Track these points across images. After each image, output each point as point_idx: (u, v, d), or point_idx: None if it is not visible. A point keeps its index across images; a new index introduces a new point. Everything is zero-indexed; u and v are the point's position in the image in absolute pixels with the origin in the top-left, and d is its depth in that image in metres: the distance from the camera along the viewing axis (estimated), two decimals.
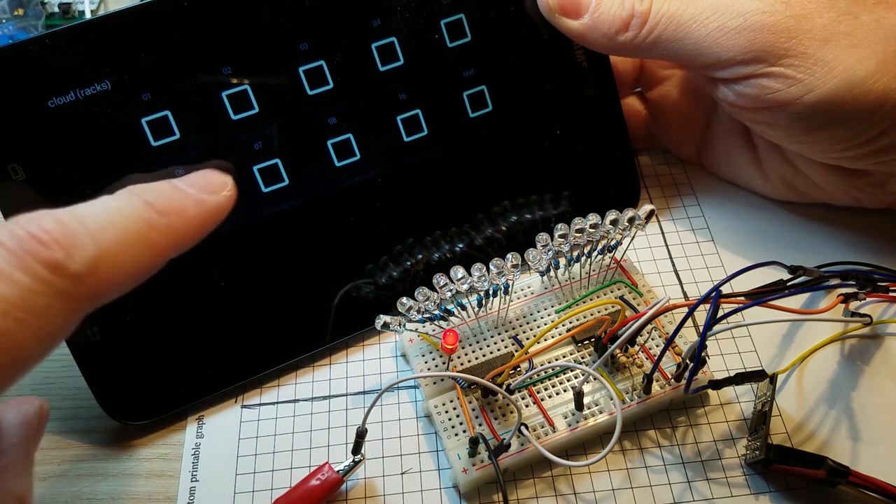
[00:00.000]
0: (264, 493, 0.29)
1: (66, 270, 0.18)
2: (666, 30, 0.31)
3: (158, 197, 0.21)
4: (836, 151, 0.32)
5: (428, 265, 0.34)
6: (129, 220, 0.20)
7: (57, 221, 0.19)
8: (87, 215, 0.19)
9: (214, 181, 0.22)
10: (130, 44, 0.29)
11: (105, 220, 0.19)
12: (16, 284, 0.17)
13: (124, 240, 0.19)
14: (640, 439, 0.30)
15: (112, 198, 0.21)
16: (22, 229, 0.18)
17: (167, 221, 0.21)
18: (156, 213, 0.20)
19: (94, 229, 0.19)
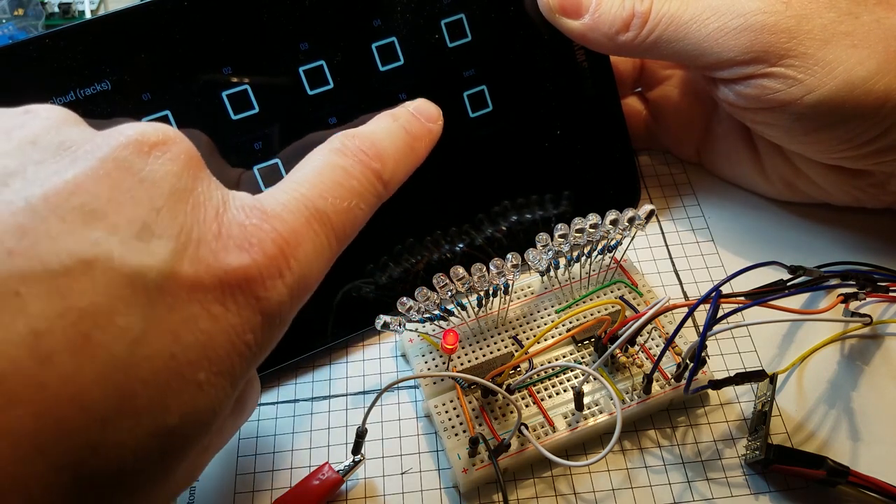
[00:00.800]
0: (264, 493, 0.29)
1: (382, 178, 0.25)
2: (666, 30, 0.31)
3: (411, 124, 0.27)
4: (837, 152, 0.32)
5: (428, 265, 0.34)
6: (401, 142, 0.26)
7: (372, 142, 0.25)
8: (382, 138, 0.26)
9: (434, 111, 0.29)
10: (130, 44, 0.29)
11: (390, 143, 0.26)
12: (360, 184, 0.24)
13: (401, 157, 0.26)
14: (640, 439, 0.30)
15: (382, 122, 0.27)
16: (352, 143, 0.25)
17: (417, 144, 0.27)
18: (411, 137, 0.27)
19: (389, 150, 0.26)
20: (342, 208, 0.23)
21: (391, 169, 0.25)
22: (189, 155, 0.20)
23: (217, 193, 0.21)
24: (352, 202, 0.23)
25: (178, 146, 0.20)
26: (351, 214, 0.23)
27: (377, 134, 0.26)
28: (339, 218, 0.23)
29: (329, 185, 0.23)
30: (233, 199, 0.21)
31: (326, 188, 0.23)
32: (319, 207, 0.22)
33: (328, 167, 0.24)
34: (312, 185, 0.23)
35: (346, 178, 0.24)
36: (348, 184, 0.24)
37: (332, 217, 0.23)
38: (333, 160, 0.24)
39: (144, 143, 0.19)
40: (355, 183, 0.24)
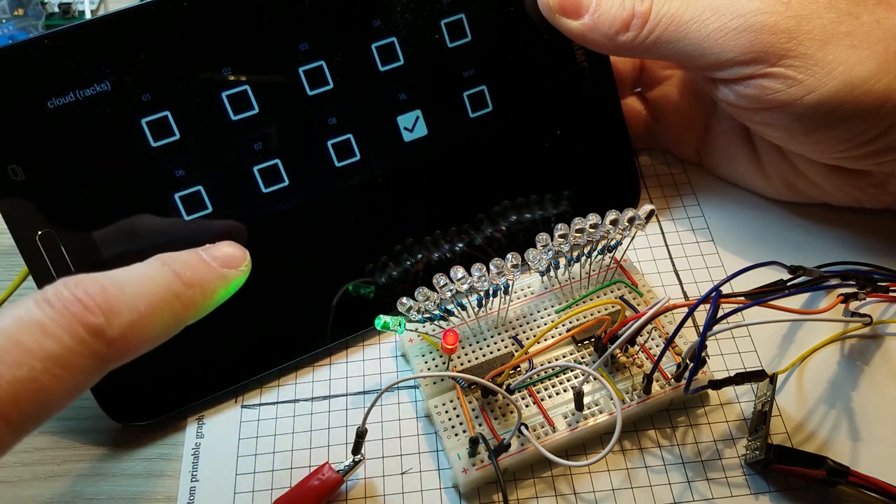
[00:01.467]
0: (264, 493, 0.29)
1: (104, 335, 0.20)
2: (666, 30, 0.31)
3: (186, 269, 0.23)
4: (837, 152, 0.32)
5: (428, 265, 0.34)
6: (160, 291, 0.22)
7: (101, 288, 0.20)
8: (126, 283, 0.21)
9: (236, 255, 0.25)
10: (130, 44, 0.29)
11: (140, 290, 0.21)
12: (59, 344, 0.19)
13: (154, 308, 0.21)
14: (640, 439, 0.30)
15: (146, 266, 0.23)
16: (69, 292, 0.20)
17: (191, 294, 0.23)
18: (182, 285, 0.22)
19: (131, 299, 0.21)
20: (13, 378, 0.18)
21: (125, 322, 0.20)
22: None
23: None
24: (34, 367, 0.18)
25: None
26: (33, 385, 0.18)
27: (121, 278, 0.21)
28: (6, 391, 0.18)
29: (5, 346, 0.18)
30: None
31: (1, 350, 0.18)
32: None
33: (16, 323, 0.19)
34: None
35: (36, 338, 0.19)
36: (37, 345, 0.19)
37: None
38: (29, 314, 0.19)
39: None
40: (49, 343, 0.19)
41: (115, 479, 0.30)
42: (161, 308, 0.22)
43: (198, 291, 0.23)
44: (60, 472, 0.30)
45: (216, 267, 0.24)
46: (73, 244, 0.30)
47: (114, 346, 0.20)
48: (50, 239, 0.29)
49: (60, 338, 0.19)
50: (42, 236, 0.29)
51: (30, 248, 0.29)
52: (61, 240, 0.29)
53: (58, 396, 0.19)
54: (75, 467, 0.30)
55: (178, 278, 0.23)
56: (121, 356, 0.21)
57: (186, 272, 0.23)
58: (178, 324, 0.23)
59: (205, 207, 0.31)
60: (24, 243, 0.29)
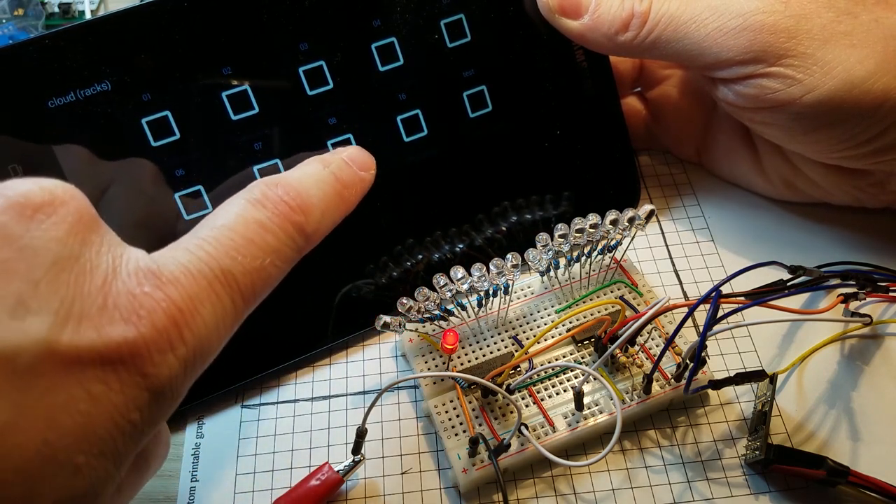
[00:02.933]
0: (264, 493, 0.29)
1: (304, 231, 0.23)
2: (666, 30, 0.31)
3: (342, 171, 0.26)
4: (836, 151, 0.32)
5: (428, 266, 0.34)
6: (330, 190, 0.25)
7: (297, 191, 0.23)
8: (309, 185, 0.24)
9: (367, 160, 0.27)
10: (130, 44, 0.29)
11: (319, 192, 0.24)
12: (278, 239, 0.22)
13: (329, 206, 0.24)
14: (640, 439, 0.30)
15: (314, 169, 0.25)
16: (274, 193, 0.23)
17: (348, 193, 0.25)
18: (341, 185, 0.25)
19: (316, 199, 0.24)
20: (253, 268, 0.21)
21: (316, 220, 0.23)
22: (78, 216, 0.19)
23: (107, 258, 0.19)
24: (265, 260, 0.21)
25: (65, 207, 0.19)
26: (263, 273, 0.21)
27: (304, 181, 0.24)
28: (247, 279, 0.21)
29: (240, 242, 0.21)
30: (126, 262, 0.19)
31: (237, 246, 0.21)
32: (226, 268, 0.20)
33: (241, 221, 0.22)
34: (220, 242, 0.21)
35: (262, 234, 0.22)
36: (263, 240, 0.22)
37: (240, 278, 0.21)
38: (249, 213, 0.22)
39: (27, 206, 0.18)
40: (271, 239, 0.22)
41: None
42: (333, 206, 0.25)
43: (351, 191, 0.26)
44: None
45: (357, 170, 0.26)
46: None
47: (309, 240, 0.23)
48: None
49: (278, 234, 0.22)
50: None
51: None
52: None
53: (275, 282, 0.22)
54: None
55: (338, 181, 0.25)
56: (309, 248, 0.24)
57: (342, 174, 0.25)
58: (340, 219, 0.25)
59: (205, 207, 0.31)
60: None
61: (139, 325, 0.18)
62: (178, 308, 0.19)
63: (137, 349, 0.18)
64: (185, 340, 0.19)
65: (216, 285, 0.20)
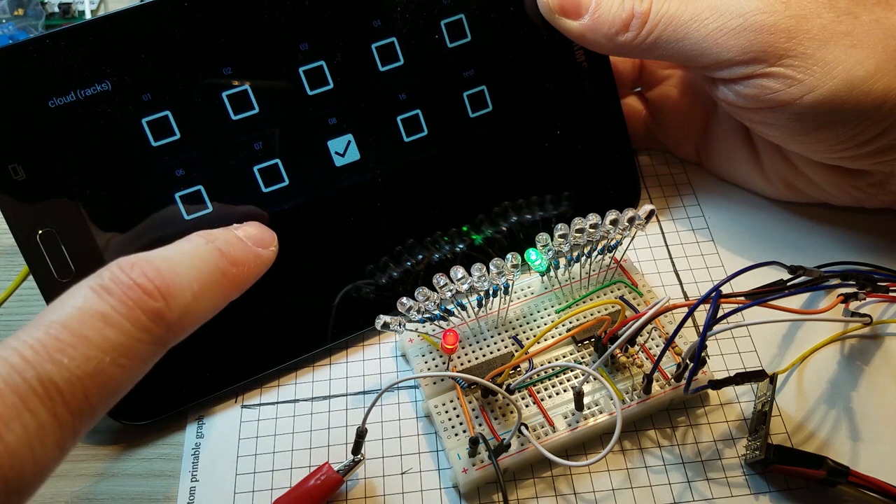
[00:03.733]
0: (264, 493, 0.29)
1: (164, 319, 0.19)
2: (666, 30, 0.31)
3: (229, 247, 0.23)
4: (836, 151, 0.32)
5: (428, 266, 0.34)
6: (210, 269, 0.21)
7: (157, 271, 0.20)
8: (178, 263, 0.20)
9: (266, 236, 0.25)
10: (131, 44, 0.29)
11: (192, 270, 0.21)
12: (124, 334, 0.19)
13: (206, 288, 0.21)
14: (640, 439, 0.30)
15: (191, 245, 0.22)
16: (126, 276, 0.19)
17: (236, 272, 0.22)
18: (228, 264, 0.22)
19: (185, 280, 0.20)
20: (84, 373, 0.18)
21: (183, 304, 0.20)
22: None
23: None
24: (104, 360, 0.18)
25: None
26: (101, 378, 0.18)
27: (173, 259, 0.21)
28: (75, 386, 0.18)
29: (70, 341, 0.18)
30: None
31: (63, 347, 0.18)
32: (44, 376, 0.17)
33: (77, 315, 0.18)
34: (43, 344, 0.18)
35: (101, 329, 0.18)
36: (101, 336, 0.18)
37: (65, 387, 0.17)
38: (89, 303, 0.19)
39: None
40: (113, 333, 0.18)
41: (115, 479, 0.30)
42: (212, 287, 0.21)
43: (242, 270, 0.23)
44: (60, 471, 0.30)
45: (252, 246, 0.24)
46: (73, 243, 0.30)
47: (172, 330, 0.20)
48: (51, 238, 0.29)
49: (124, 327, 0.19)
50: (43, 235, 0.29)
51: (30, 247, 0.29)
52: (62, 239, 0.29)
53: (123, 385, 0.19)
54: (75, 467, 0.30)
55: (223, 257, 0.22)
56: (176, 338, 0.21)
57: (230, 250, 0.23)
58: (224, 302, 0.22)
59: (205, 207, 0.31)
60: (24, 242, 0.29)
61: None
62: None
63: None
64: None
65: (30, 400, 0.17)
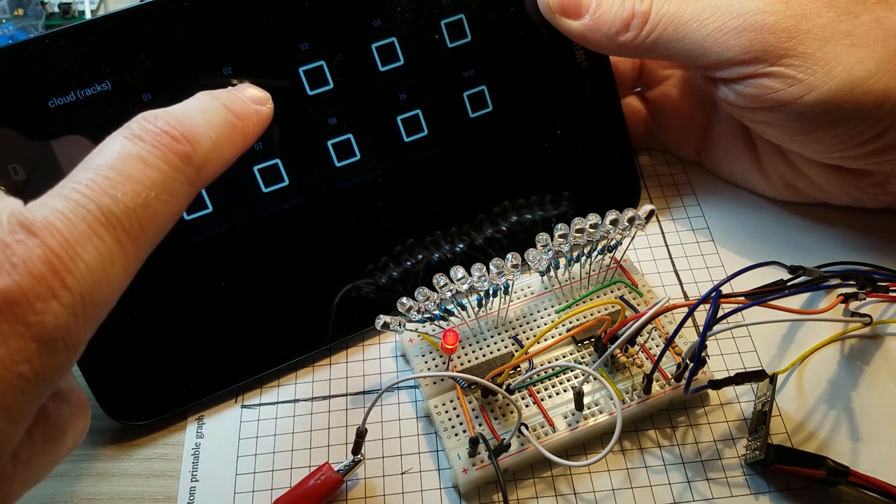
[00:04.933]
0: (264, 493, 0.29)
1: (192, 161, 0.22)
2: (666, 30, 0.31)
3: (234, 103, 0.25)
4: (837, 151, 0.32)
5: (428, 266, 0.34)
6: (220, 119, 0.24)
7: (178, 121, 0.22)
8: (195, 116, 0.23)
9: (261, 95, 0.26)
10: (131, 44, 0.29)
11: (206, 121, 0.23)
12: (161, 173, 0.21)
13: (221, 136, 0.23)
14: (640, 439, 0.30)
15: (199, 101, 0.24)
16: (153, 125, 0.22)
17: (242, 124, 0.25)
18: (233, 116, 0.24)
19: (203, 129, 0.23)
20: (136, 205, 0.20)
21: (206, 149, 0.22)
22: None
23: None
24: (150, 195, 0.20)
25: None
26: (149, 210, 0.20)
27: (189, 111, 0.23)
28: (132, 217, 0.20)
29: (119, 179, 0.20)
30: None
31: (115, 184, 0.20)
32: (105, 208, 0.19)
33: (119, 158, 0.21)
34: (97, 183, 0.20)
35: (142, 169, 0.21)
36: (144, 175, 0.20)
37: (123, 218, 0.20)
38: (126, 149, 0.21)
39: None
40: (154, 173, 0.21)
41: (115, 479, 0.30)
42: (226, 136, 0.23)
43: (247, 123, 0.25)
44: (60, 471, 0.30)
45: (252, 104, 0.25)
46: None
47: (202, 171, 0.22)
48: None
49: (160, 167, 0.21)
50: None
51: None
52: None
53: (168, 219, 0.21)
54: (75, 467, 0.30)
55: (229, 111, 0.24)
56: (204, 181, 0.23)
57: (234, 106, 0.24)
58: (237, 152, 0.24)
59: (205, 207, 0.31)
60: None
61: (13, 274, 0.17)
62: (56, 254, 0.18)
63: (15, 298, 0.17)
64: (69, 286, 0.18)
65: (97, 227, 0.19)
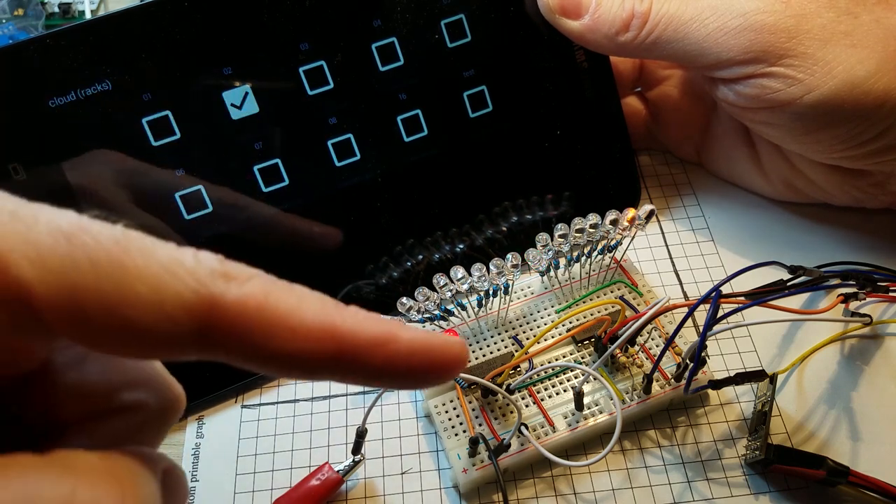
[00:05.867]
0: (264, 493, 0.29)
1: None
2: (666, 30, 0.31)
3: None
4: (836, 151, 0.32)
5: (428, 266, 0.34)
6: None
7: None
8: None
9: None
10: (131, 44, 0.29)
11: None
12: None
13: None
14: (640, 439, 0.30)
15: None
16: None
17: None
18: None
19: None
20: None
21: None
22: None
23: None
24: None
25: None
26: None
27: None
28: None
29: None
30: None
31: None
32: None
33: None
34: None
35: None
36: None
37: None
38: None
39: None
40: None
41: None
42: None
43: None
44: None
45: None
46: None
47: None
48: None
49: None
50: None
51: None
52: None
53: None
54: None
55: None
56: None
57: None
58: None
59: (205, 207, 0.31)
60: None
61: None
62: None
63: None
64: None
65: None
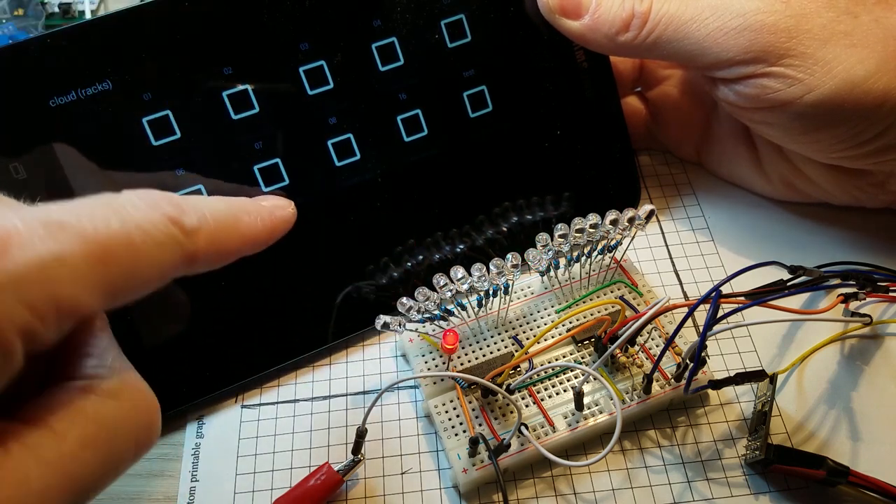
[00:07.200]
0: (264, 493, 0.29)
1: (179, 222, 0.21)
2: (666, 30, 0.31)
3: (241, 202, 0.24)
4: (836, 151, 0.32)
5: (428, 266, 0.34)
6: (221, 207, 0.23)
7: (171, 195, 0.22)
8: (190, 198, 0.22)
9: (280, 201, 0.26)
10: (131, 44, 0.29)
11: (201, 200, 0.23)
12: (142, 213, 0.20)
13: (218, 217, 0.22)
14: (640, 439, 0.30)
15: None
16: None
17: (248, 219, 0.24)
18: (237, 209, 0.24)
19: (195, 202, 0.22)
20: (109, 230, 0.19)
21: (196, 219, 0.21)
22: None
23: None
24: (126, 227, 0.20)
25: None
26: (124, 238, 0.20)
27: (185, 197, 0.23)
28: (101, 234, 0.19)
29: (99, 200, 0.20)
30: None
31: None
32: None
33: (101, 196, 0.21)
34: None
35: (121, 210, 0.20)
36: (124, 212, 0.20)
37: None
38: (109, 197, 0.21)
39: None
40: (135, 212, 0.20)
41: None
42: (223, 220, 0.23)
43: (254, 219, 0.24)
44: None
45: (264, 205, 0.25)
46: None
47: (190, 236, 0.21)
48: None
49: (141, 207, 0.21)
50: None
51: None
52: None
53: (141, 257, 0.20)
54: None
55: (232, 203, 0.24)
56: (196, 249, 0.22)
57: (240, 201, 0.24)
58: (244, 242, 0.24)
59: None
60: None
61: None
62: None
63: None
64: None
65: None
